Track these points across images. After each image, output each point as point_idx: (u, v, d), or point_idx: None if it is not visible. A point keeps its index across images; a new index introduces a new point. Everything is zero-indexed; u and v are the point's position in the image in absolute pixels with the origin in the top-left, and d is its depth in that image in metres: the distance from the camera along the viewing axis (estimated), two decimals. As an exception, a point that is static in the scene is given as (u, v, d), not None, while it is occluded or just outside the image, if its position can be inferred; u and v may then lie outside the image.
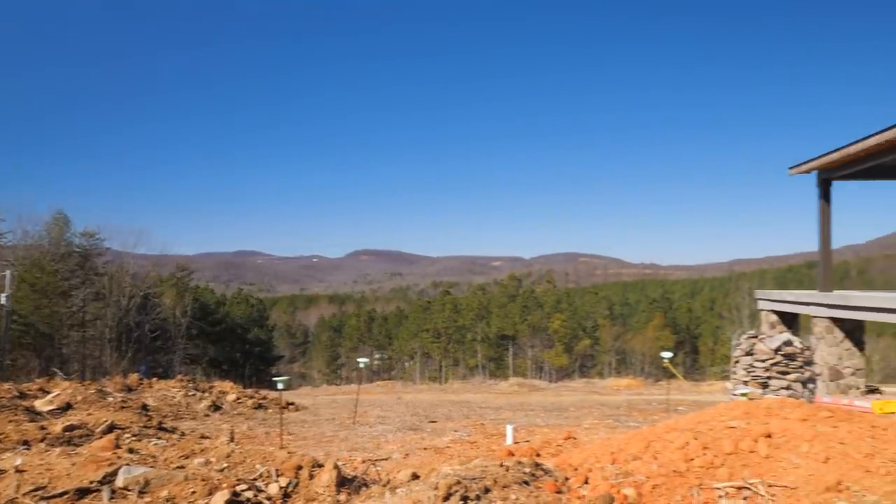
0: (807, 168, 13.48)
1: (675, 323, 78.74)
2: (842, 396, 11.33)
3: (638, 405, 13.03)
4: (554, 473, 4.64)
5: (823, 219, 13.71)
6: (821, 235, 13.77)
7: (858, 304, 11.77)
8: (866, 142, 11.05)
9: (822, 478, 3.89)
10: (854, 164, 12.26)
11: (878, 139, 10.68)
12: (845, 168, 12.66)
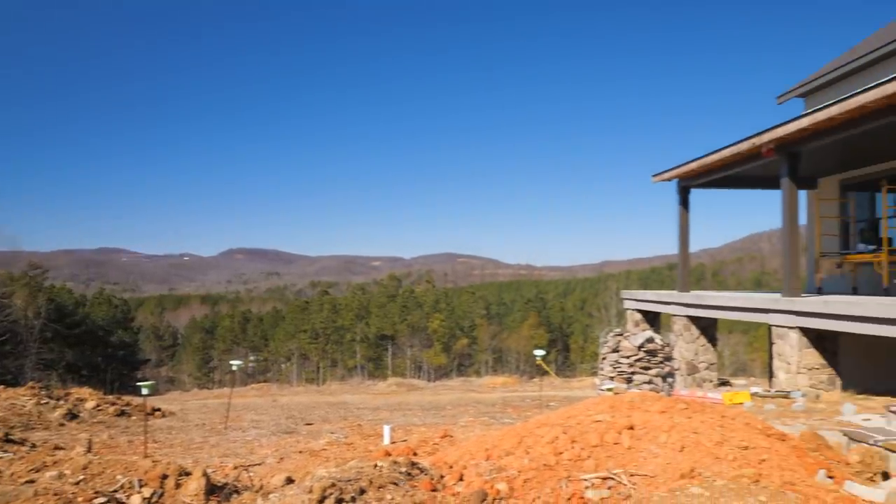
0: (668, 176, 14.39)
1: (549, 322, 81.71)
2: (697, 389, 12.17)
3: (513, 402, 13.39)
4: (430, 472, 4.67)
5: (682, 224, 14.68)
6: (680, 239, 14.74)
7: (711, 304, 12.70)
8: (720, 153, 11.94)
9: (678, 465, 4.15)
10: (710, 173, 13.22)
11: (731, 151, 11.58)
12: (702, 177, 13.62)
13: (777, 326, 10.51)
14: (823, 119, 9.14)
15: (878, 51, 12.88)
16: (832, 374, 10.01)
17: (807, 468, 4.31)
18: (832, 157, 12.70)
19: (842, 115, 8.82)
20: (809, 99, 15.31)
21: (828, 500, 3.82)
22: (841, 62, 14.35)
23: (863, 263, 12.84)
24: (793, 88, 15.67)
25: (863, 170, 13.71)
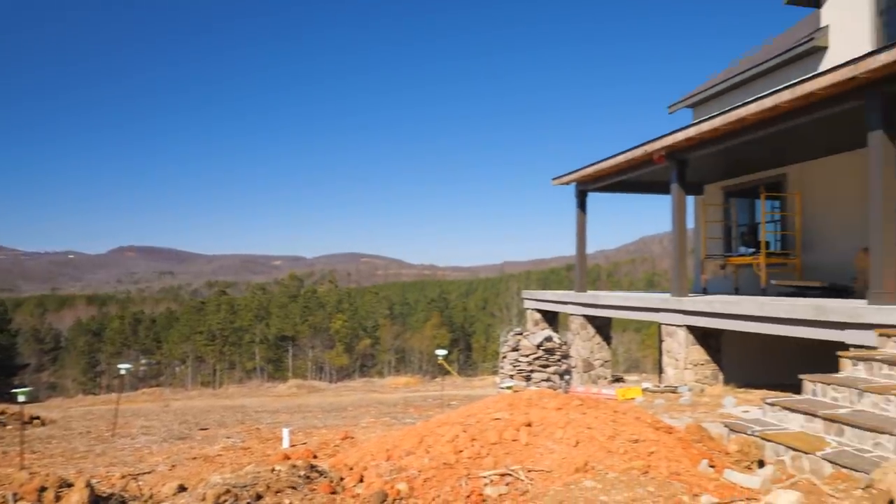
0: (567, 180, 14.83)
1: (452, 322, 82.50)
2: (593, 386, 12.61)
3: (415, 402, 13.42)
4: (329, 474, 4.61)
5: (580, 226, 15.17)
6: (577, 241, 15.22)
7: (606, 303, 13.20)
8: (616, 159, 12.43)
9: (573, 460, 4.28)
10: (606, 178, 13.73)
11: (626, 157, 12.07)
12: (599, 181, 14.12)
13: (666, 325, 11.04)
14: (708, 129, 9.67)
15: (758, 67, 13.77)
16: (716, 370, 10.62)
17: (691, 458, 4.55)
18: (717, 165, 13.47)
19: (725, 126, 9.37)
20: (697, 110, 16.18)
21: (709, 487, 4.04)
22: (726, 76, 15.26)
23: (743, 265, 13.69)
24: (682, 99, 16.51)
25: (744, 178, 14.62)
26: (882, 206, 7.36)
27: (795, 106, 8.35)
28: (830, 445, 5.09)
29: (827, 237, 12.46)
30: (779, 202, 13.81)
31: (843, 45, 11.89)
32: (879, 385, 5.67)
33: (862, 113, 7.58)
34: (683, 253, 11.60)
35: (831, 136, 10.61)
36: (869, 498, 3.86)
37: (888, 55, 6.76)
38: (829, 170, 12.35)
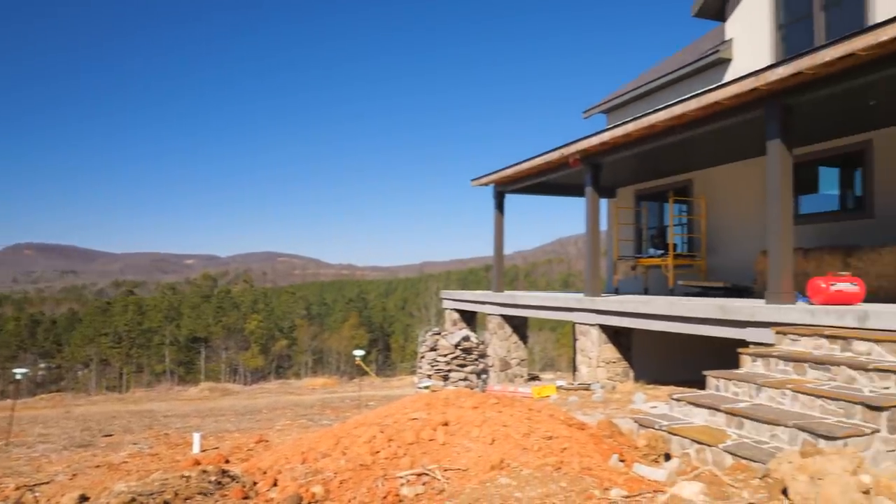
0: (485, 181, 15.00)
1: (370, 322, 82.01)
2: (509, 384, 12.79)
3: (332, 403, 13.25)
4: (242, 479, 4.49)
5: (497, 227, 15.37)
6: (495, 242, 15.42)
7: (523, 303, 13.42)
8: (533, 161, 12.66)
9: (489, 458, 4.33)
10: (524, 179, 13.96)
11: (543, 160, 12.31)
12: (517, 183, 14.35)
13: (580, 324, 11.33)
14: (621, 135, 9.99)
15: (668, 76, 14.34)
16: (627, 367, 10.97)
17: (602, 454, 4.68)
18: (629, 170, 13.94)
19: (637, 131, 9.71)
20: (611, 115, 16.70)
21: (619, 481, 4.16)
22: (638, 83, 15.81)
23: (653, 266, 14.22)
24: (597, 105, 17.00)
25: (654, 182, 15.20)
26: (779, 212, 7.79)
27: (701, 114, 8.74)
28: (731, 438, 5.34)
29: (730, 240, 13.10)
30: (686, 206, 14.42)
31: (746, 57, 12.53)
32: (776, 380, 6.00)
33: (762, 122, 8.01)
34: (597, 254, 11.93)
35: (734, 144, 11.16)
36: (765, 486, 4.08)
37: (786, 69, 7.17)
38: (732, 176, 12.99)
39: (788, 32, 11.87)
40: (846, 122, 9.78)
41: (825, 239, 10.75)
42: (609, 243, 16.51)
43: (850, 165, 10.91)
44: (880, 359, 5.78)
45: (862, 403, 5.00)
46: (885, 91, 8.07)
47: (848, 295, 7.45)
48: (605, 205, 16.70)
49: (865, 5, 10.36)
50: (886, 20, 6.17)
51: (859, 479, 3.28)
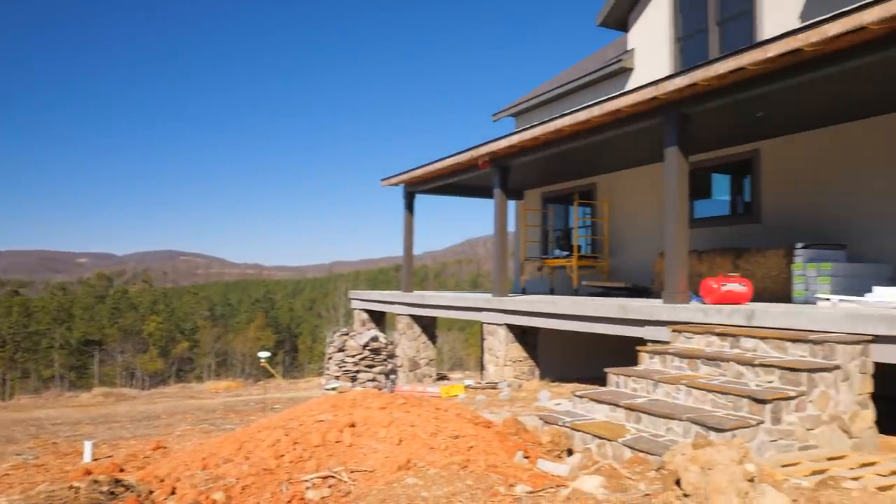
0: (395, 181, 14.97)
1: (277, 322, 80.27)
2: (418, 384, 12.82)
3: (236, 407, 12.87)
4: (137, 488, 4.29)
5: (407, 227, 15.38)
6: (405, 242, 15.42)
7: (432, 303, 13.48)
8: (443, 162, 12.74)
9: (396, 458, 4.32)
10: (434, 180, 14.03)
11: (453, 161, 12.41)
12: (427, 183, 14.40)
13: (488, 324, 11.49)
14: (529, 138, 10.21)
15: (574, 82, 14.77)
16: (533, 366, 11.22)
17: (508, 451, 4.76)
18: (536, 172, 14.26)
19: (544, 135, 9.94)
20: (519, 119, 17.03)
21: (524, 477, 4.25)
22: (546, 88, 16.19)
23: (558, 267, 14.60)
24: (506, 108, 17.30)
25: (560, 185, 15.61)
26: (676, 216, 8.17)
27: (605, 120, 9.05)
28: (630, 432, 5.55)
29: (631, 242, 13.62)
30: (590, 209, 14.89)
31: (647, 67, 13.07)
32: (671, 376, 6.29)
33: (661, 130, 8.37)
34: (505, 255, 12.14)
35: (635, 150, 11.61)
36: (660, 478, 4.26)
37: (682, 79, 7.52)
38: (633, 180, 13.52)
39: (686, 45, 12.47)
40: (737, 131, 10.36)
41: (717, 242, 11.35)
42: (517, 244, 16.83)
43: (740, 173, 11.57)
44: (765, 355, 6.16)
45: (748, 397, 5.31)
46: (771, 103, 8.60)
47: (737, 295, 7.90)
48: (513, 206, 17.02)
49: (755, 22, 11.02)
50: (773, 37, 6.58)
51: (745, 467, 3.48)
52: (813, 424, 5.40)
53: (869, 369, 5.83)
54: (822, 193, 9.93)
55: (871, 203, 9.29)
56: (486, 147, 11.30)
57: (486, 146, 11.30)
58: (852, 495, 3.63)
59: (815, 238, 9.60)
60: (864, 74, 7.34)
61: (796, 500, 3.65)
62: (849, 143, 9.61)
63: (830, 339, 5.74)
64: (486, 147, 11.30)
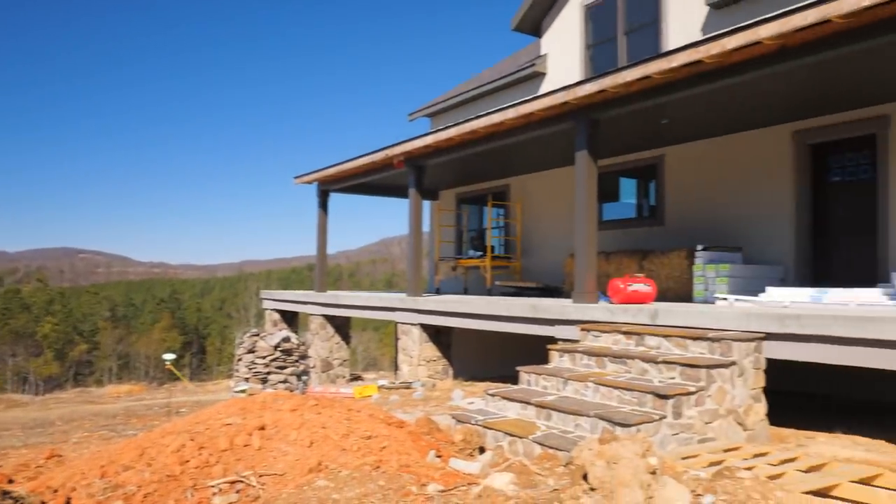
0: (309, 179, 14.74)
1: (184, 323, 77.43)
2: (331, 385, 12.67)
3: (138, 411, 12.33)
4: (28, 499, 4.03)
5: (321, 226, 15.17)
6: (318, 241, 15.21)
7: (346, 303, 13.35)
8: (358, 161, 12.64)
9: (307, 461, 4.25)
10: (348, 179, 13.90)
11: (368, 160, 12.33)
12: (341, 182, 14.25)
13: (402, 323, 11.48)
14: (444, 139, 10.27)
15: (489, 84, 14.96)
16: (446, 365, 11.28)
17: (420, 451, 4.77)
18: (451, 173, 14.36)
19: (458, 136, 10.02)
20: (435, 119, 17.10)
21: (436, 476, 4.26)
22: (462, 90, 16.33)
23: (472, 267, 14.76)
24: (421, 108, 17.33)
25: (474, 186, 15.78)
26: (585, 218, 8.41)
27: (518, 123, 9.22)
28: (541, 429, 5.67)
29: (542, 243, 13.92)
30: (504, 210, 15.12)
31: (559, 72, 13.40)
32: (580, 373, 6.47)
33: (572, 134, 8.59)
34: (419, 255, 12.16)
35: (547, 153, 11.88)
36: (569, 473, 4.37)
37: (592, 86, 7.75)
38: (545, 183, 13.82)
39: (596, 52, 12.86)
40: (644, 137, 10.76)
41: (624, 243, 11.76)
42: (431, 244, 16.90)
43: (646, 177, 12.04)
44: (668, 352, 6.42)
45: (652, 393, 5.52)
46: (675, 111, 8.99)
47: (642, 295, 8.21)
48: (428, 206, 17.08)
49: (660, 33, 11.49)
50: (677, 48, 6.87)
51: (647, 461, 3.61)
52: (711, 418, 5.68)
53: (762, 365, 6.19)
54: (720, 198, 10.46)
55: (762, 208, 9.86)
56: (401, 147, 11.29)
57: (401, 146, 11.29)
58: (745, 484, 3.83)
59: (714, 241, 10.10)
60: (759, 87, 7.78)
61: (695, 490, 3.82)
62: (743, 151, 10.16)
63: (727, 336, 6.05)
64: (401, 147, 11.29)
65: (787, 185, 9.59)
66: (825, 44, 6.03)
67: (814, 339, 5.83)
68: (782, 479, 4.44)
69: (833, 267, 9.33)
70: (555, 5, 13.69)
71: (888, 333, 5.31)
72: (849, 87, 8.04)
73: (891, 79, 7.63)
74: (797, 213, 9.48)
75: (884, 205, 8.59)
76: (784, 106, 8.91)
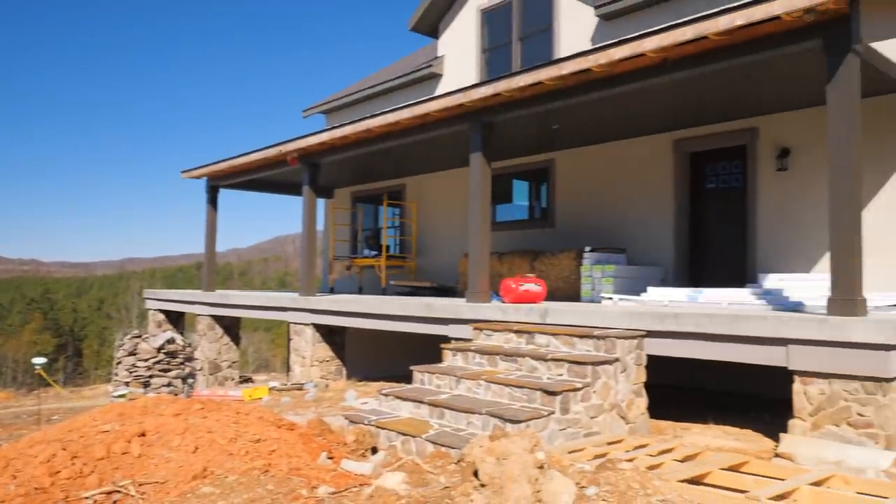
0: (197, 174, 14.18)
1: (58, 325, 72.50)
2: (219, 388, 12.24)
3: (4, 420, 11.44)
4: None
5: (210, 223, 14.63)
6: (207, 238, 14.65)
7: (236, 303, 12.94)
8: (250, 156, 12.27)
9: (191, 467, 4.08)
10: (240, 174, 13.47)
11: (261, 155, 11.99)
12: (232, 177, 13.79)
13: (295, 323, 11.25)
14: (339, 136, 10.15)
15: (386, 83, 14.91)
16: (340, 365, 11.16)
17: (311, 453, 4.69)
18: (347, 171, 14.21)
19: (354, 134, 9.93)
20: (330, 116, 16.87)
21: (327, 478, 4.20)
22: (359, 87, 16.19)
23: (367, 266, 14.67)
24: (317, 105, 17.05)
25: (370, 185, 15.69)
26: (479, 218, 8.55)
27: (414, 123, 9.24)
28: (434, 428, 5.71)
29: (437, 243, 14.03)
30: (399, 210, 15.13)
31: (456, 74, 13.54)
32: (472, 372, 6.56)
33: (467, 136, 8.71)
34: (313, 253, 11.96)
35: (443, 154, 11.98)
36: (460, 470, 4.42)
37: (487, 89, 7.89)
38: (441, 183, 13.94)
39: (491, 56, 13.09)
40: (536, 141, 11.06)
41: (517, 244, 12.05)
42: (326, 243, 16.66)
43: (537, 180, 12.38)
44: (556, 350, 6.63)
45: (541, 389, 5.69)
46: (565, 117, 9.29)
47: (533, 294, 8.43)
48: (323, 205, 16.83)
49: (553, 41, 11.84)
50: (567, 56, 7.11)
51: (535, 456, 3.71)
52: (596, 413, 5.91)
53: (643, 361, 6.51)
54: (608, 202, 10.90)
55: (646, 212, 10.37)
56: (295, 143, 11.06)
57: (295, 142, 11.06)
58: (626, 475, 4.01)
59: (601, 242, 10.52)
60: (644, 96, 8.17)
61: (580, 482, 3.96)
62: (629, 157, 10.64)
63: (612, 334, 6.32)
64: (295, 143, 11.06)
65: (668, 191, 10.12)
66: (703, 58, 6.42)
67: (690, 336, 6.19)
68: (660, 469, 4.69)
69: (708, 268, 9.94)
70: (452, 7, 13.83)
71: (755, 330, 5.72)
72: (724, 101, 8.59)
73: (760, 94, 8.22)
74: (677, 217, 10.03)
75: (752, 211, 9.23)
76: (666, 116, 9.40)
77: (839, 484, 4.43)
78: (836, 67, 5.60)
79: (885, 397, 5.05)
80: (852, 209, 5.57)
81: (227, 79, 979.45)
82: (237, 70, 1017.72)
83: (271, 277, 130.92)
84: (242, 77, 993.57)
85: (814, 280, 7.57)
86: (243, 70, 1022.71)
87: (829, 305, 5.61)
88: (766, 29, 5.84)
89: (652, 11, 10.24)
